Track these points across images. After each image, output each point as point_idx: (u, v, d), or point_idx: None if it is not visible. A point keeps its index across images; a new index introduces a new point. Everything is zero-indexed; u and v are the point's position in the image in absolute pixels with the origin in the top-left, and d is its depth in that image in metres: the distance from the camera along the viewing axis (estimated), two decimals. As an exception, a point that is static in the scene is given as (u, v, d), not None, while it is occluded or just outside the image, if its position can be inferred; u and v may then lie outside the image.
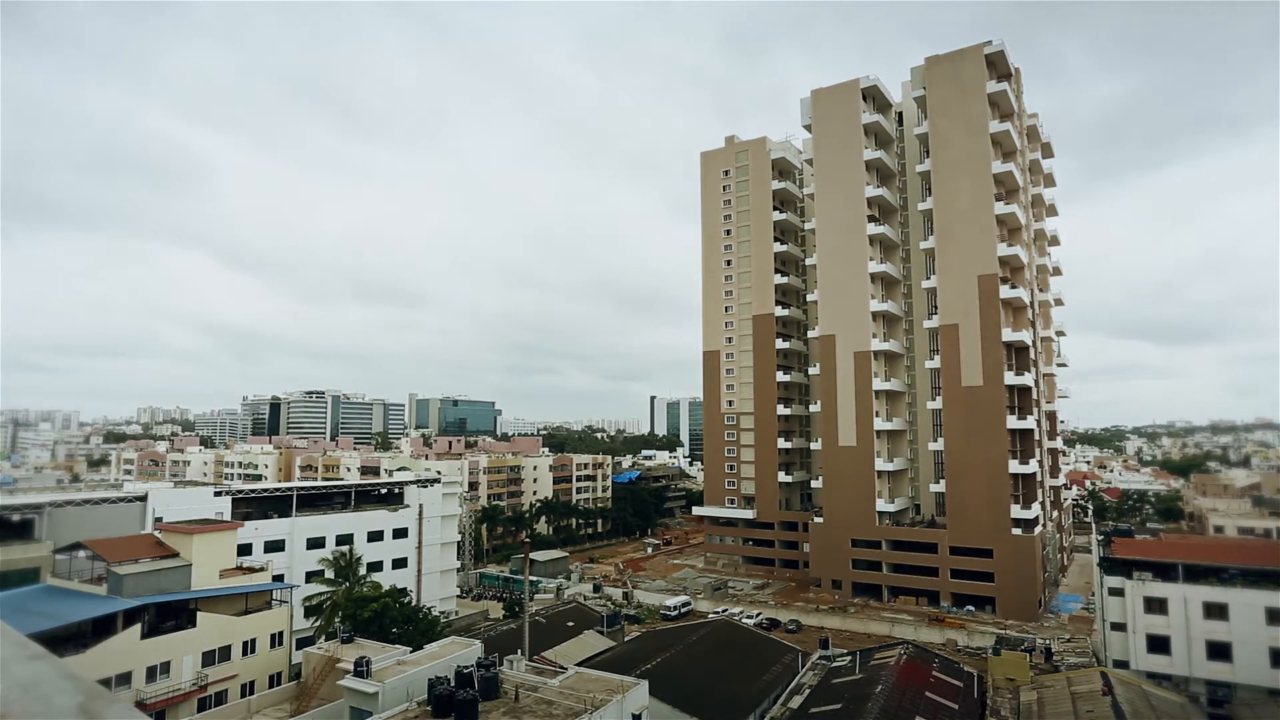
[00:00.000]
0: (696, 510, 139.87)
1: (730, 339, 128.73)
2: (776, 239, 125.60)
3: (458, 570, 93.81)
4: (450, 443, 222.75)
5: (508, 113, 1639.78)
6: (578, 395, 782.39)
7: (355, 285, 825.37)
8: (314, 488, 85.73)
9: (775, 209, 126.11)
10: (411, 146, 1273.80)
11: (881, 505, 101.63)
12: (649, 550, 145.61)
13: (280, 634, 55.78)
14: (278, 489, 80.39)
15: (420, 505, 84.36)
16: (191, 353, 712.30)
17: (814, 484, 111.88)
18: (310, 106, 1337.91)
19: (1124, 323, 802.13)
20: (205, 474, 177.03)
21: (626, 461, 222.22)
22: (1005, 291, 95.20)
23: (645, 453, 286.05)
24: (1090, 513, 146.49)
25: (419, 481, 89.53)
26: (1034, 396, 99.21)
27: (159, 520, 62.36)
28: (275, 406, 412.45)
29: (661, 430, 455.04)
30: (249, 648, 53.32)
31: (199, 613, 51.02)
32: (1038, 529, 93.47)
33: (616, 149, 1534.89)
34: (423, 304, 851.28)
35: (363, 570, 69.14)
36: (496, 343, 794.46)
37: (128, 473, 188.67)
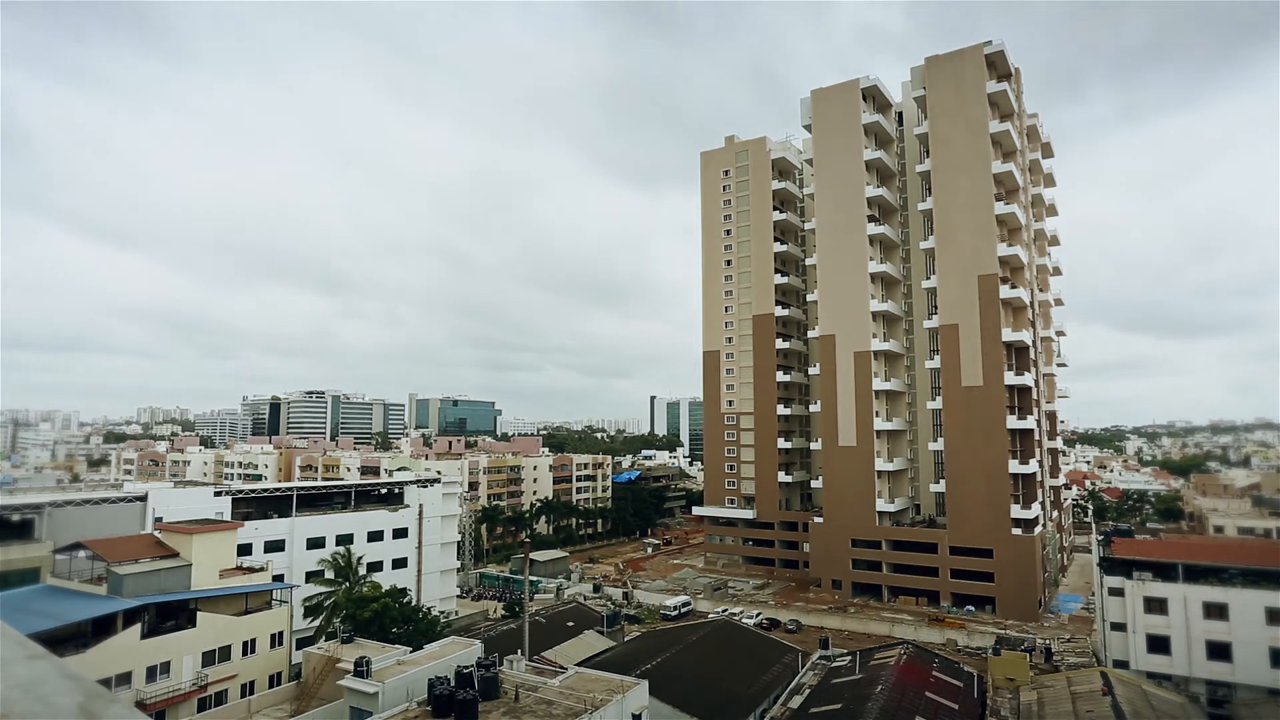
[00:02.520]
0: (696, 510, 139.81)
1: (730, 339, 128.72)
2: (776, 239, 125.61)
3: (458, 570, 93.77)
4: (450, 443, 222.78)
5: (380, 61, 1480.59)
6: (554, 393, 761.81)
7: (267, 265, 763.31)
8: (314, 488, 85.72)
9: (775, 209, 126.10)
10: (253, 88, 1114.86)
11: (881, 505, 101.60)
12: (649, 550, 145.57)
13: (280, 634, 55.76)
14: (278, 489, 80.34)
15: (420, 505, 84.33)
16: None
17: (814, 484, 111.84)
18: (127, 33, 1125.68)
19: (1111, 306, 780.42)
20: (205, 474, 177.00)
21: (626, 461, 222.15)
22: (1005, 291, 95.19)
23: (645, 453, 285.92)
24: (1090, 513, 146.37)
25: (419, 481, 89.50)
26: (1034, 396, 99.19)
27: (159, 520, 62.32)
28: (275, 406, 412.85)
29: (661, 430, 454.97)
30: (249, 648, 53.30)
31: (199, 613, 51.01)
32: (1038, 529, 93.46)
33: (508, 96, 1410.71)
34: (355, 290, 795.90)
35: (363, 570, 69.15)
36: (456, 333, 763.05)
37: (128, 473, 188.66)
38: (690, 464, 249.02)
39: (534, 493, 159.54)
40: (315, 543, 73.61)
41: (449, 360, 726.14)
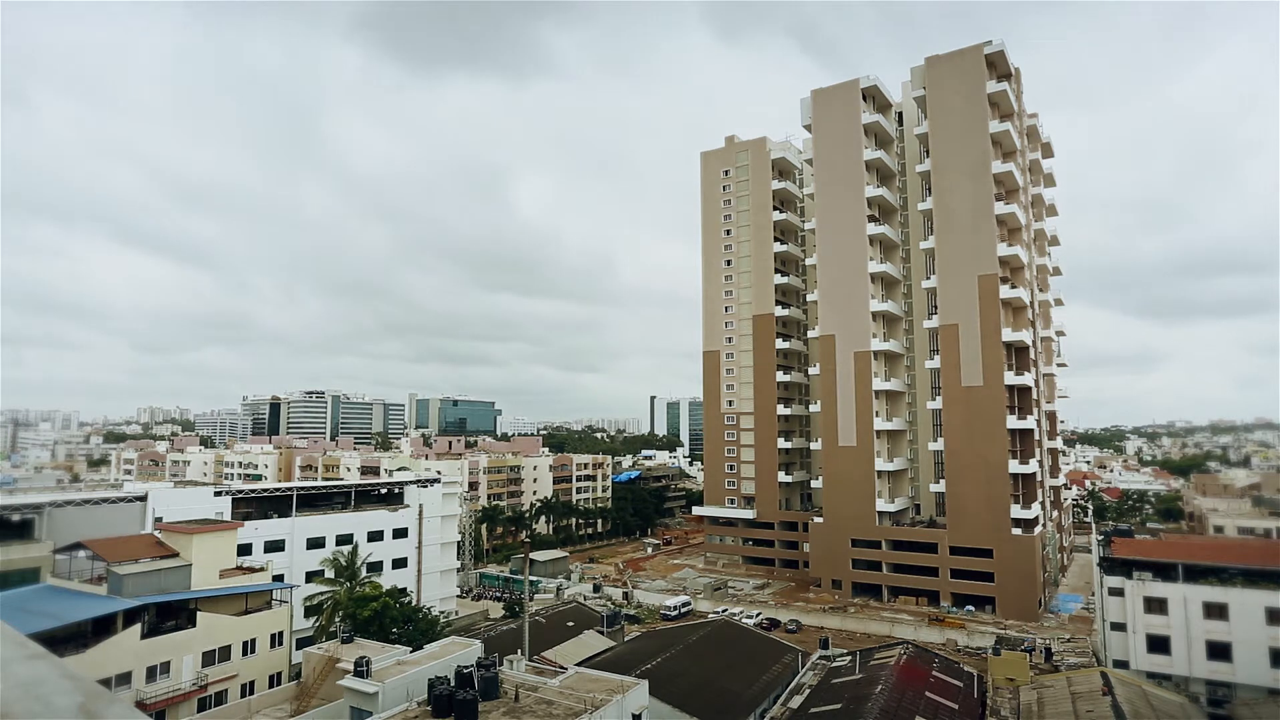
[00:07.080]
0: (696, 510, 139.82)
1: (730, 339, 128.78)
2: (776, 239, 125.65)
3: (458, 570, 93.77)
4: (450, 442, 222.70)
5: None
6: (518, 389, 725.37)
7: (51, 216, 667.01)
8: (314, 488, 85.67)
9: (775, 209, 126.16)
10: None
11: (881, 505, 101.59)
12: (649, 550, 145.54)
13: (280, 634, 55.76)
14: (278, 489, 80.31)
15: (420, 505, 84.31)
16: None
17: (814, 484, 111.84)
18: None
19: (1101, 282, 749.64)
20: (205, 474, 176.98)
21: (626, 461, 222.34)
22: (1005, 291, 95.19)
23: (645, 453, 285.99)
24: (1090, 513, 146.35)
25: (419, 481, 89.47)
26: (1034, 396, 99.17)
27: (159, 520, 62.32)
28: (275, 406, 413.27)
29: (661, 430, 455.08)
30: (249, 648, 53.30)
31: (199, 613, 51.00)
32: (1038, 529, 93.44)
33: None
34: (209, 256, 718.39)
35: (363, 570, 69.10)
36: (381, 320, 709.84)
37: (128, 473, 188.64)
38: (690, 464, 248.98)
39: (534, 493, 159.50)
40: (315, 543, 73.60)
41: (383, 354, 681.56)
